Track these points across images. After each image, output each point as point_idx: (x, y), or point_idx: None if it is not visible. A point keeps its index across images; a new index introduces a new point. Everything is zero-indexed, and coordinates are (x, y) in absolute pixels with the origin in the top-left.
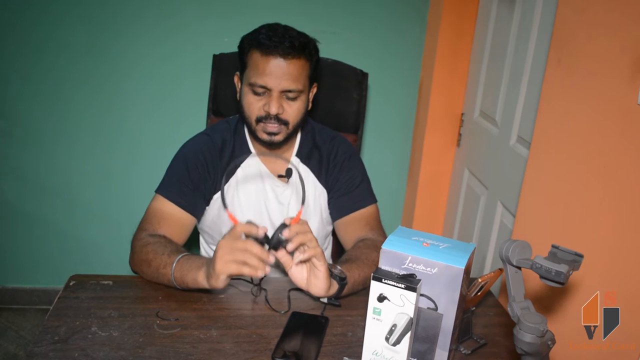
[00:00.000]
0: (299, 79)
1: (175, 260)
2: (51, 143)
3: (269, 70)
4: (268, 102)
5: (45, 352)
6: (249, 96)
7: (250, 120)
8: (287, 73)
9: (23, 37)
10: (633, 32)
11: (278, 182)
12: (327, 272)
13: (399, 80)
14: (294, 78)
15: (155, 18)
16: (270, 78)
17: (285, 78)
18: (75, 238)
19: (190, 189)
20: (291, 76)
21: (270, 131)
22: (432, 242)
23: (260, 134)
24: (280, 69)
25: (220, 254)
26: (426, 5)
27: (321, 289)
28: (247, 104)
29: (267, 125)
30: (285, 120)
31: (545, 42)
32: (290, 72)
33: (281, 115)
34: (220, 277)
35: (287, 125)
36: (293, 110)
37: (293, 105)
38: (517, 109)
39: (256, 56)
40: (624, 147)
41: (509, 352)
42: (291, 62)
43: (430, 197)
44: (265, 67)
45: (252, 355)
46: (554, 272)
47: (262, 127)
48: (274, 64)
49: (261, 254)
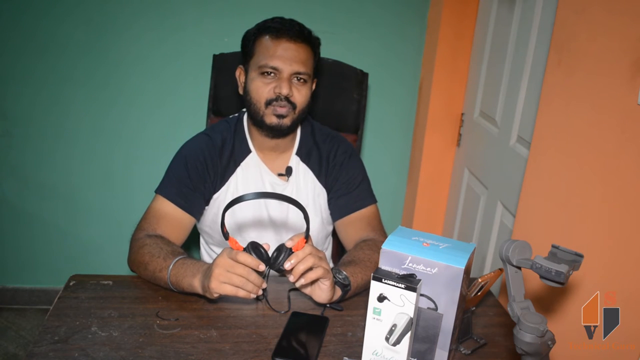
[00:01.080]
0: (307, 64)
1: (170, 264)
2: (51, 143)
3: (280, 52)
4: (278, 84)
5: (45, 352)
6: (257, 81)
7: (259, 104)
8: (297, 56)
9: (23, 37)
10: (633, 32)
11: (278, 180)
12: (332, 285)
13: (399, 80)
14: (303, 61)
15: (155, 18)
16: (281, 60)
17: (295, 60)
18: (75, 238)
19: (190, 189)
20: (300, 59)
21: (279, 113)
22: (432, 242)
23: (269, 118)
24: (291, 52)
25: (217, 273)
26: (426, 5)
27: (325, 299)
28: (255, 88)
29: (277, 108)
30: (294, 103)
31: (545, 42)
32: (300, 55)
33: (291, 98)
34: (214, 294)
35: (294, 110)
36: (301, 95)
37: (301, 89)
38: (517, 109)
39: (266, 41)
40: (624, 147)
41: (509, 352)
42: (300, 46)
43: (430, 197)
44: (276, 49)
45: (252, 355)
46: (554, 272)
47: (272, 110)
48: (284, 47)
49: (257, 282)
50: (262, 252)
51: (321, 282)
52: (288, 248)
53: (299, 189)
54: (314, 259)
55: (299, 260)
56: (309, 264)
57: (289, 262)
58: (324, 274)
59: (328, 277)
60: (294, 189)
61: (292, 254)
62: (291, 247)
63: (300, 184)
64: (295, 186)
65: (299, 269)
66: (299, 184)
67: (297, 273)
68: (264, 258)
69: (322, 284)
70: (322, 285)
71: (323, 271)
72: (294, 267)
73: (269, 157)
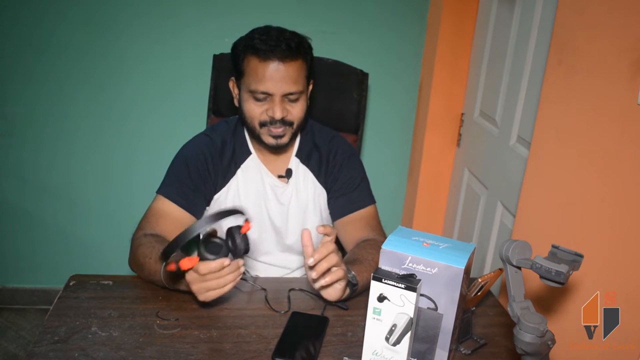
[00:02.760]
0: (298, 81)
1: (160, 269)
2: (51, 143)
3: (269, 75)
4: (271, 107)
5: (45, 352)
6: (249, 103)
7: (254, 125)
8: (286, 76)
9: (23, 37)
10: (633, 32)
11: (278, 182)
12: (345, 286)
13: (399, 80)
14: (294, 80)
15: (155, 18)
16: (271, 83)
17: (285, 82)
18: (75, 238)
19: (191, 189)
20: (291, 79)
21: (275, 134)
22: (432, 242)
23: (266, 138)
24: (280, 73)
25: (195, 289)
26: (426, 5)
27: (335, 297)
28: (248, 110)
29: (271, 129)
30: (289, 121)
31: (545, 42)
32: (290, 75)
33: (286, 118)
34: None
35: (291, 126)
36: (296, 111)
37: (295, 106)
38: (517, 109)
39: (254, 62)
40: (624, 147)
41: (509, 352)
42: (290, 65)
43: (430, 197)
44: (264, 72)
45: (252, 355)
46: (554, 272)
47: (267, 131)
48: (272, 69)
49: (231, 270)
50: (218, 242)
51: (338, 282)
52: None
53: (298, 191)
54: (337, 257)
55: (322, 257)
56: (333, 262)
57: (311, 259)
58: (343, 275)
59: (345, 278)
60: (293, 190)
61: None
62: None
63: (300, 185)
64: (295, 188)
65: (323, 266)
66: (298, 186)
67: (320, 270)
68: (222, 249)
69: (338, 284)
70: (337, 285)
71: (343, 273)
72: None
73: (269, 159)
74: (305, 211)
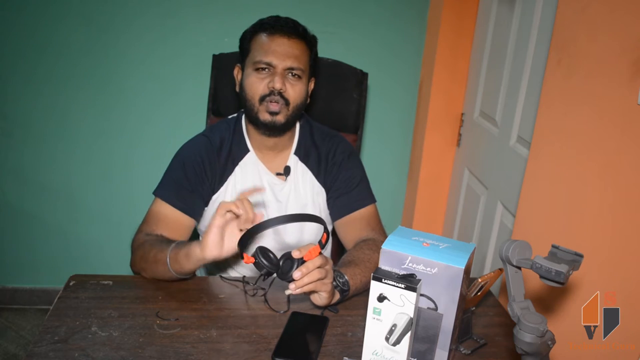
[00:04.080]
0: (301, 59)
1: (171, 246)
2: (51, 143)
3: (274, 48)
4: (272, 79)
5: (45, 352)
6: (252, 77)
7: (254, 101)
8: (290, 51)
9: (23, 37)
10: (633, 32)
11: (276, 179)
12: (330, 294)
13: (399, 80)
14: (296, 57)
15: (155, 18)
16: (275, 55)
17: (288, 55)
18: (75, 238)
19: (189, 191)
20: (294, 55)
21: (272, 110)
22: (432, 242)
23: (263, 115)
24: (284, 47)
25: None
26: (426, 5)
27: (322, 304)
28: (250, 84)
29: (270, 104)
30: (287, 99)
31: (545, 42)
32: (294, 51)
33: (284, 93)
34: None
35: (288, 106)
36: (295, 91)
37: (295, 85)
38: (517, 109)
39: (261, 38)
40: (624, 147)
41: (509, 352)
42: (294, 42)
43: (430, 197)
44: (270, 45)
45: (252, 355)
46: (554, 272)
47: (265, 107)
48: (278, 43)
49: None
50: (272, 257)
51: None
52: (300, 259)
53: (297, 189)
54: (321, 274)
55: (308, 271)
56: (315, 278)
57: (299, 272)
58: (320, 287)
59: (325, 290)
60: (292, 188)
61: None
62: (301, 257)
63: (299, 183)
64: (294, 186)
65: (304, 281)
66: (297, 184)
67: (299, 285)
68: (273, 263)
69: (320, 293)
70: (321, 294)
71: (321, 285)
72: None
73: (267, 156)
74: (304, 210)
